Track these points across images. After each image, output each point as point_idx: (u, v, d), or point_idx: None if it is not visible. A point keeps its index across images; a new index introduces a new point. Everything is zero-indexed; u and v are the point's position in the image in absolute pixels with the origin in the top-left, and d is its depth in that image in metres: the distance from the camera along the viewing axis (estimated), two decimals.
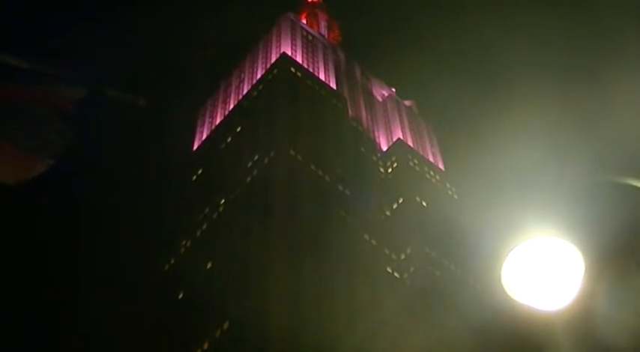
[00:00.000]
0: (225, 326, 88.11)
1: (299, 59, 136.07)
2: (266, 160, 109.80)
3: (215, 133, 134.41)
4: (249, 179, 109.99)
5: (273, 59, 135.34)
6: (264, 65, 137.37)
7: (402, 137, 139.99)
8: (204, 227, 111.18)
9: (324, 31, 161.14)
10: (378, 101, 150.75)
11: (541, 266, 8.75)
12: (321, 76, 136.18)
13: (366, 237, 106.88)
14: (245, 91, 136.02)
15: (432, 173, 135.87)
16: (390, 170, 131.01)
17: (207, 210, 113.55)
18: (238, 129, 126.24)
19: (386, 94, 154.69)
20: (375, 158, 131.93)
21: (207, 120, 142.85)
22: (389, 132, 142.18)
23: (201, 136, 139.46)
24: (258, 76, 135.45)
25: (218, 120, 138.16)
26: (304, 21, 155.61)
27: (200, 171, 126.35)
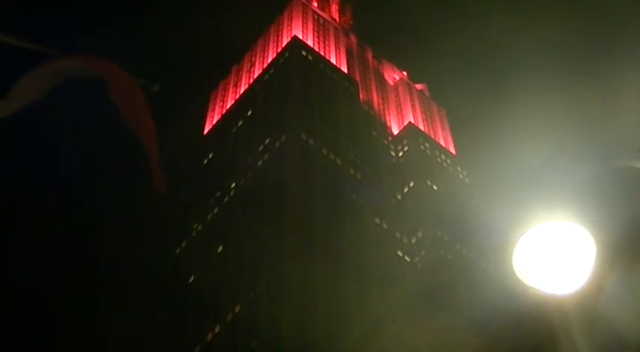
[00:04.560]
0: (237, 309, 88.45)
1: (310, 43, 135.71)
2: (277, 144, 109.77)
3: (226, 117, 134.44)
4: (260, 163, 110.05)
5: (285, 43, 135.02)
6: (275, 49, 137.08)
7: (413, 121, 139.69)
8: (216, 211, 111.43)
9: (335, 14, 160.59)
10: (389, 84, 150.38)
11: (553, 251, 8.75)
12: (333, 60, 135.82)
13: (377, 220, 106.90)
14: (256, 75, 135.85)
15: (443, 157, 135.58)
16: (401, 154, 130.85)
17: (218, 194, 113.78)
18: (249, 113, 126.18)
19: (397, 78, 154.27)
20: (386, 142, 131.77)
21: (218, 104, 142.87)
22: (400, 116, 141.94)
23: (213, 120, 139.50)
24: (270, 60, 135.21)
25: (229, 104, 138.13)
26: (315, 4, 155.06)
27: (211, 155, 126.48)
